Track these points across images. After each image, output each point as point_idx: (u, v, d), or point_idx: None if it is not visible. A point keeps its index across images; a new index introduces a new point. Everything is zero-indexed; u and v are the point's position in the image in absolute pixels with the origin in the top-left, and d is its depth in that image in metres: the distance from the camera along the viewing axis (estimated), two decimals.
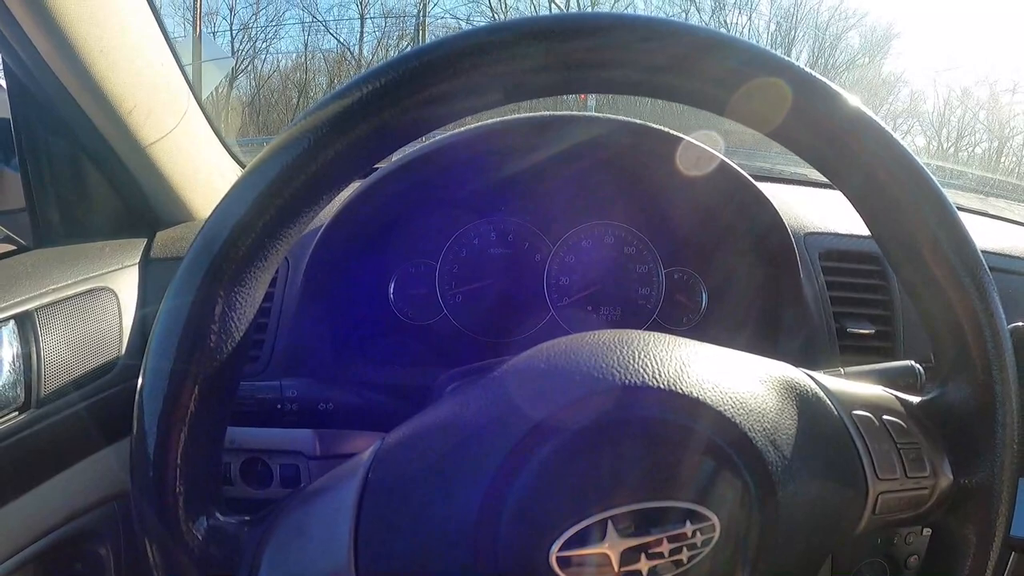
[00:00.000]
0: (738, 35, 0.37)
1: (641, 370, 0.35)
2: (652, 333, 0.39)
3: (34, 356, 0.64)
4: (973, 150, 15.20)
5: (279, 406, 0.60)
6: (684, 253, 0.84)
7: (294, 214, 0.35)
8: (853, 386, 0.43)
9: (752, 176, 0.72)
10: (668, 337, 0.39)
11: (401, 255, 0.82)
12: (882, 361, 0.61)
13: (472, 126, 0.69)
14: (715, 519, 0.33)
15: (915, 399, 0.44)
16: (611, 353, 0.36)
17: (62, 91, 0.68)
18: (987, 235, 0.94)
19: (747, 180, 0.72)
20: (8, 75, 0.71)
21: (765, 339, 0.76)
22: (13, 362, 0.64)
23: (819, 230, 0.81)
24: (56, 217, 0.77)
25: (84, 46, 0.65)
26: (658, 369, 0.35)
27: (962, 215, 0.39)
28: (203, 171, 0.82)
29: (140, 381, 0.35)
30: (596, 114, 0.72)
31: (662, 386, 0.35)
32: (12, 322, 0.64)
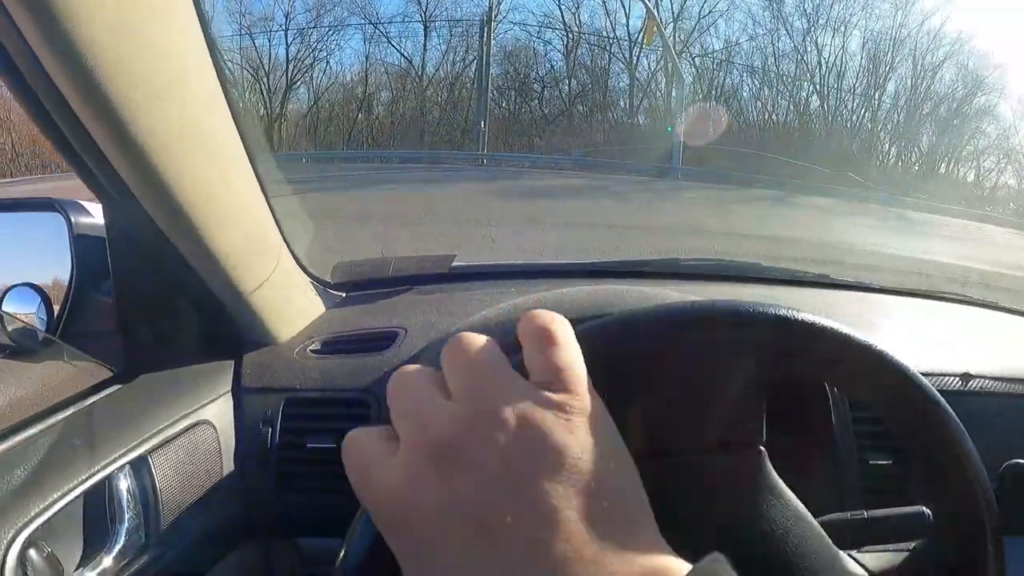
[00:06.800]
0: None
1: None
2: None
3: (151, 497, 0.69)
4: None
5: None
6: None
7: None
8: None
9: None
10: None
11: None
12: (897, 488, 0.70)
13: None
14: None
15: None
16: None
17: (167, 243, 0.71)
18: None
19: None
20: (109, 223, 0.74)
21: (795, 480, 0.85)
22: (134, 506, 0.69)
23: None
24: (147, 343, 0.80)
25: (190, 200, 0.68)
26: None
27: None
28: (292, 303, 0.86)
29: None
30: None
31: None
32: (128, 467, 0.68)
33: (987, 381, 0.93)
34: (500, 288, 0.99)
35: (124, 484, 0.68)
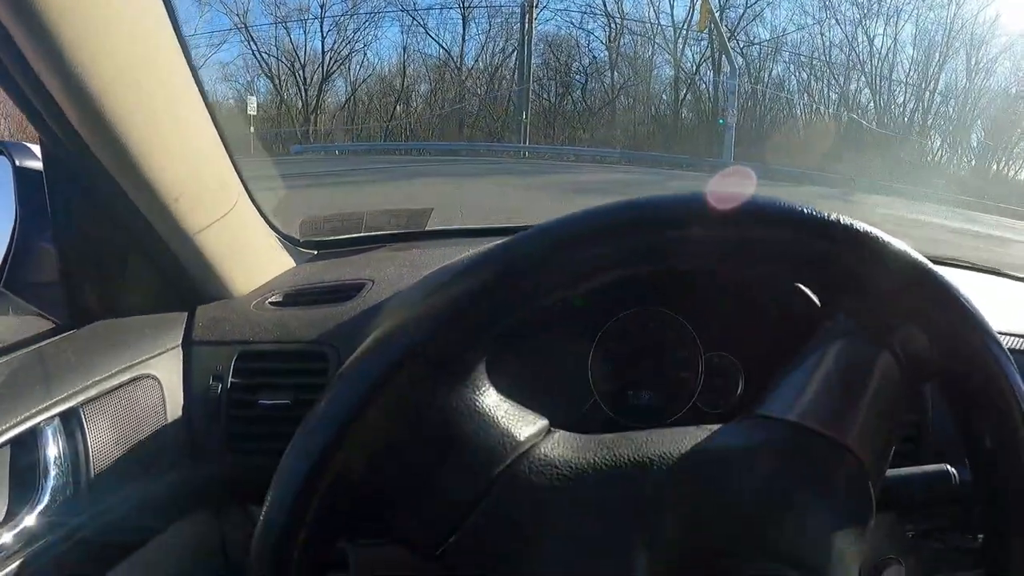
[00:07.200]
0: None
1: None
2: None
3: (81, 453, 0.64)
4: None
5: None
6: (725, 338, 0.83)
7: None
8: None
9: None
10: None
11: None
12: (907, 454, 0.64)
13: None
14: None
15: None
16: None
17: (107, 178, 0.66)
18: None
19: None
20: (47, 159, 0.69)
21: None
22: (61, 462, 0.63)
23: None
24: (93, 293, 0.75)
25: (138, 137, 0.63)
26: None
27: None
28: (249, 252, 0.81)
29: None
30: None
31: None
32: (57, 419, 0.63)
33: (1009, 339, 0.85)
34: (478, 245, 0.92)
35: (51, 438, 0.63)
